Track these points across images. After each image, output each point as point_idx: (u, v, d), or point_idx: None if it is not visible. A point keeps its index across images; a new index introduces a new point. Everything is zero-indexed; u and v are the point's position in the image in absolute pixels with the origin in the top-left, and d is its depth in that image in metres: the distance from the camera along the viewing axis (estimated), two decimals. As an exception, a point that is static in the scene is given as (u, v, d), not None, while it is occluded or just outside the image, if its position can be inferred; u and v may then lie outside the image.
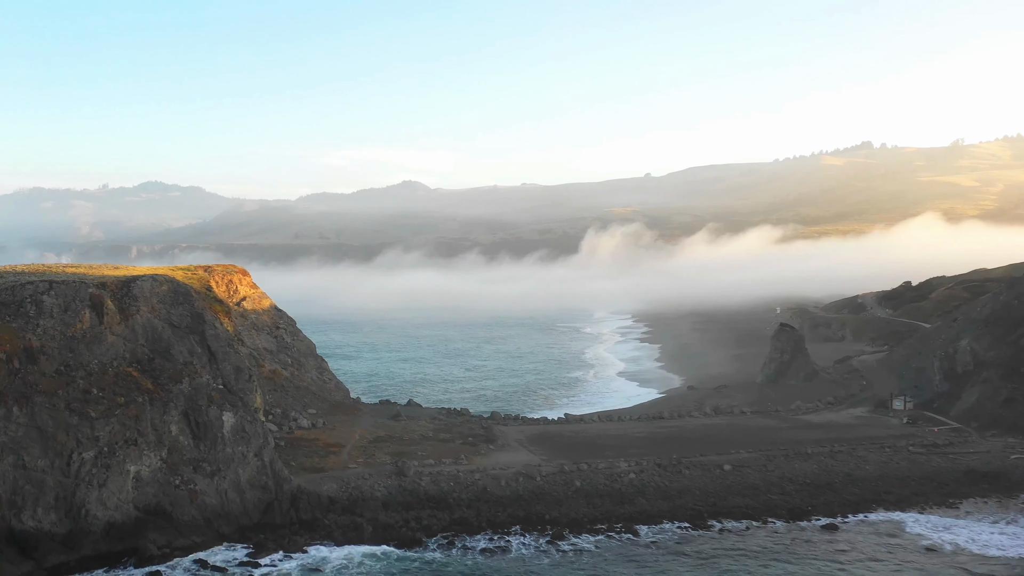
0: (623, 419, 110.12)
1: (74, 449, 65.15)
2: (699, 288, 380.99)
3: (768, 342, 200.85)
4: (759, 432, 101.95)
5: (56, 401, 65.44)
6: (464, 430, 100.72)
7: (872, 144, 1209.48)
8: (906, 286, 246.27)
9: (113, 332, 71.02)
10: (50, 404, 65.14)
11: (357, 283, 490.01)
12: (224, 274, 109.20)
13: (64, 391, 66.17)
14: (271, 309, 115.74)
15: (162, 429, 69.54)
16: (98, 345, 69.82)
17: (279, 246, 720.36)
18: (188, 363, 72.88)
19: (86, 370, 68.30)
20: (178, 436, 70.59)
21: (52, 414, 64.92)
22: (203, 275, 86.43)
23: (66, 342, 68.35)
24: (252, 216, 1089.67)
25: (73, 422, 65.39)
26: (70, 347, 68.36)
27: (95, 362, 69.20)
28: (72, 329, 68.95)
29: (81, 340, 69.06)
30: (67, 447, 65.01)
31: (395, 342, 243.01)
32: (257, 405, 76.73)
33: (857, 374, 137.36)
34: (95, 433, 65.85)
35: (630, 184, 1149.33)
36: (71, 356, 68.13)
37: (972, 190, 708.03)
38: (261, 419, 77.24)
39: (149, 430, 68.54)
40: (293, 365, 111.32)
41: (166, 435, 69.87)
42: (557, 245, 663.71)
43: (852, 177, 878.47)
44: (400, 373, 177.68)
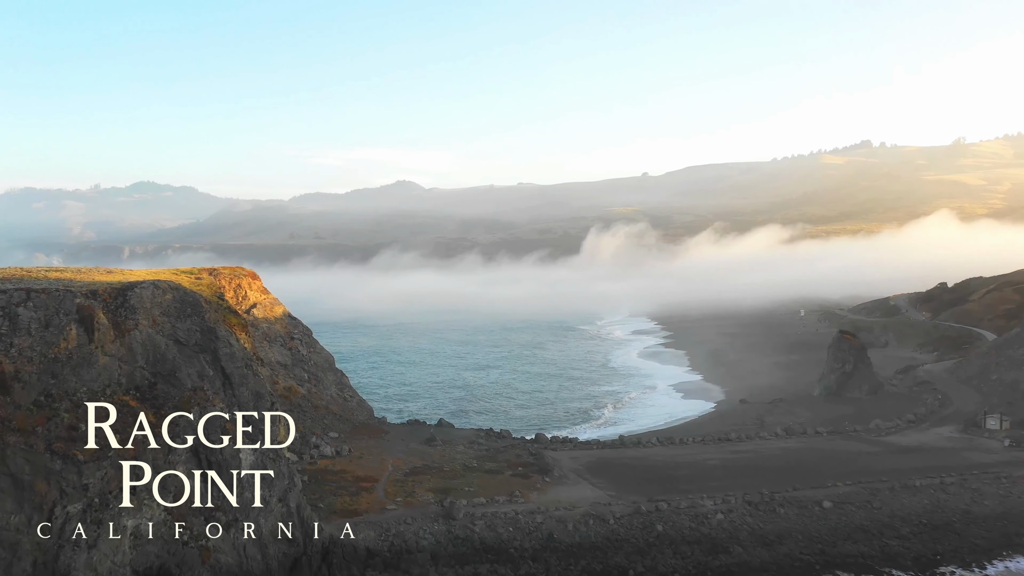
0: (686, 441, 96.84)
1: (57, 501, 51.54)
2: (710, 290, 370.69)
3: (806, 348, 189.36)
4: (848, 458, 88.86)
5: (34, 441, 51.81)
6: (511, 457, 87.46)
7: (871, 143, 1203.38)
8: (942, 287, 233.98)
9: (106, 352, 57.47)
10: (26, 445, 51.53)
11: (354, 284, 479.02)
12: (232, 278, 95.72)
13: (44, 428, 52.54)
14: (284, 317, 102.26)
15: (167, 471, 56.04)
16: (87, 368, 56.25)
17: (274, 246, 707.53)
18: (198, 389, 59.33)
19: (72, 400, 54.68)
20: (185, 480, 57.09)
21: (29, 457, 51.34)
22: (212, 280, 72.85)
23: (47, 365, 54.70)
24: (246, 216, 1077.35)
25: (56, 467, 51.80)
26: (52, 372, 54.72)
27: (83, 390, 55.60)
28: (55, 349, 55.31)
29: (66, 363, 55.43)
30: (48, 499, 51.40)
31: (400, 347, 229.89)
32: (281, 437, 63.33)
33: (929, 387, 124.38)
34: (83, 480, 52.29)
35: (628, 183, 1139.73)
36: (53, 383, 54.51)
37: (979, 189, 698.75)
38: (285, 455, 63.83)
39: (150, 473, 55.05)
40: (310, 381, 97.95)
41: (171, 479, 56.36)
42: (557, 245, 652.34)
43: (854, 176, 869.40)
44: (414, 384, 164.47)
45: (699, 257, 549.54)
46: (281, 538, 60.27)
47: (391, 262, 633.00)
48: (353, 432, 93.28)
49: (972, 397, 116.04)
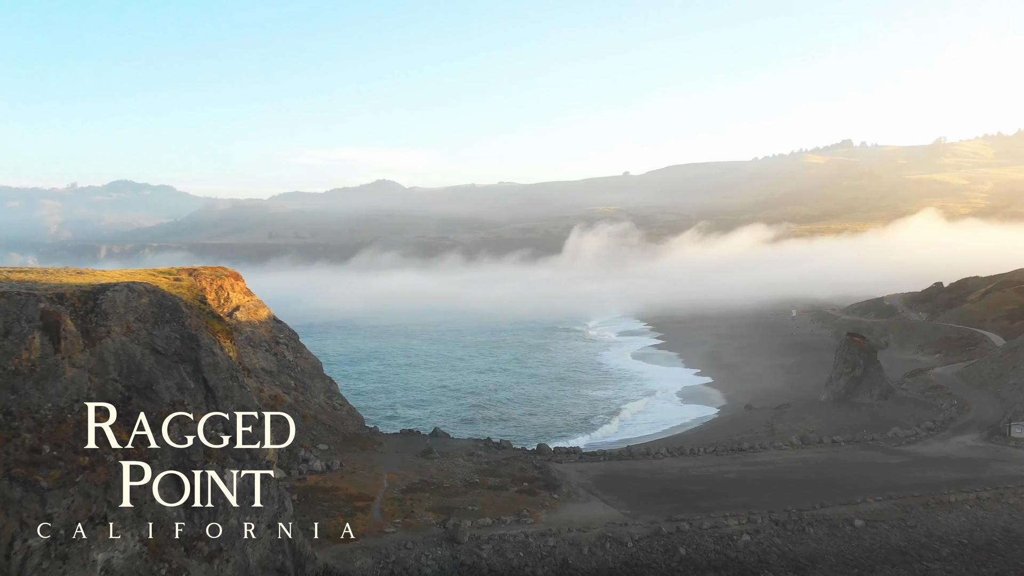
0: (697, 452, 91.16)
1: (17, 534, 45.24)
2: (696, 290, 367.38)
3: (805, 350, 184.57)
4: (872, 471, 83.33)
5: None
6: (515, 471, 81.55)
7: (852, 143, 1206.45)
8: (938, 287, 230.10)
9: (73, 363, 51.14)
10: (-19, 470, 45.33)
11: (333, 284, 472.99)
12: (213, 279, 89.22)
13: (3, 450, 46.27)
14: (269, 320, 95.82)
15: (142, 498, 49.81)
16: (52, 382, 49.92)
17: (254, 245, 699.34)
18: (178, 403, 53.03)
19: (35, 419, 48.34)
20: (164, 506, 50.85)
21: (-16, 484, 45.12)
22: (192, 282, 66.48)
23: (6, 379, 48.35)
24: (224, 215, 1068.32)
25: (15, 495, 45.49)
26: (12, 386, 48.36)
27: (48, 406, 49.27)
28: (15, 360, 48.94)
29: (28, 375, 49.08)
30: (7, 531, 45.15)
31: (384, 349, 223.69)
32: (270, 457, 57.21)
33: (942, 391, 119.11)
34: (47, 510, 45.99)
35: (610, 183, 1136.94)
36: (13, 399, 48.14)
37: (962, 188, 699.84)
38: (275, 475, 57.68)
39: (124, 501, 48.85)
40: (297, 389, 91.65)
41: (148, 506, 50.09)
42: (540, 244, 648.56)
43: (837, 175, 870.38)
44: (403, 389, 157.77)
45: (683, 256, 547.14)
46: (270, 568, 54.22)
47: (371, 262, 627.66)
48: (344, 444, 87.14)
49: (990, 403, 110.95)
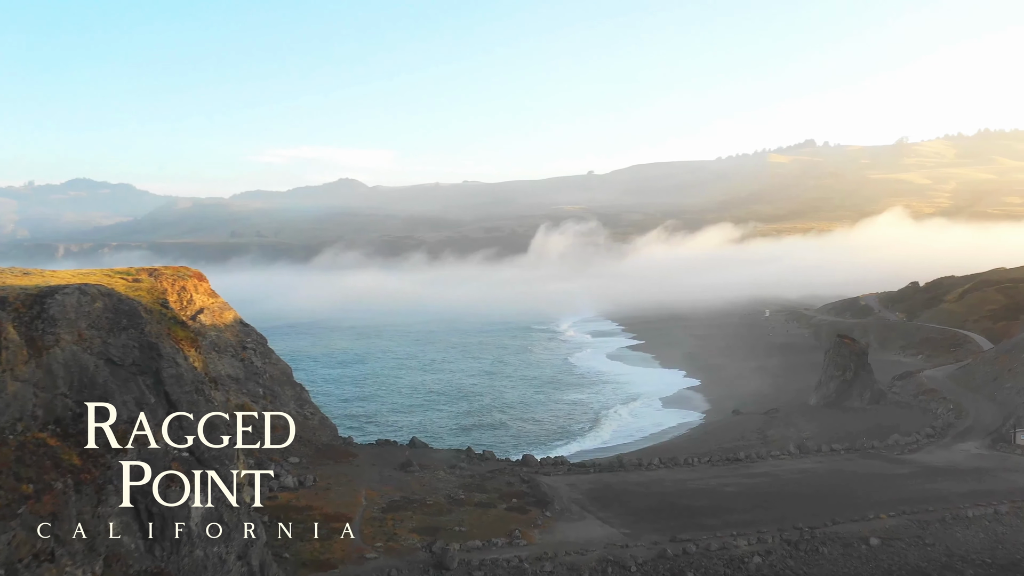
0: (692, 463, 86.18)
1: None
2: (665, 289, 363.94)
3: (785, 351, 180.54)
4: (879, 482, 78.77)
5: (-82, 496, 39.49)
6: (501, 485, 76.01)
7: (815, 142, 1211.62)
8: (914, 287, 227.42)
9: (16, 376, 45.02)
10: (-92, 501, 39.21)
11: (296, 283, 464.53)
12: (175, 279, 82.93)
13: (-68, 478, 40.18)
14: (235, 324, 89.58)
15: (96, 529, 43.85)
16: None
17: (215, 244, 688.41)
18: (136, 421, 47.16)
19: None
20: (121, 538, 44.91)
21: (-89, 518, 39.01)
22: (152, 283, 60.31)
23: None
24: (185, 214, 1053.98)
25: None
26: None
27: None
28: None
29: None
30: (-63, 572, 39.19)
31: (352, 351, 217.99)
32: (239, 480, 51.31)
33: (936, 395, 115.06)
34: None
35: (574, 182, 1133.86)
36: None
37: (926, 188, 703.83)
38: (246, 500, 51.79)
39: (75, 533, 42.91)
40: (266, 397, 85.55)
41: (102, 538, 44.12)
42: (505, 244, 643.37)
43: (801, 175, 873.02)
44: (374, 395, 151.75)
45: (650, 256, 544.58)
46: (241, 605, 48.41)
47: (333, 261, 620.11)
48: (316, 456, 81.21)
49: (987, 407, 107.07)
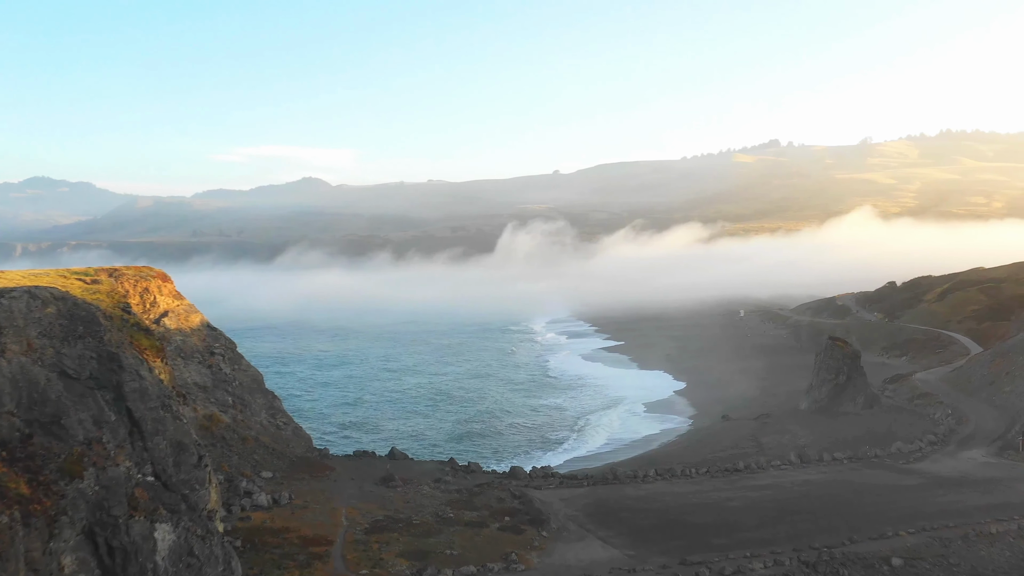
0: (689, 475, 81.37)
1: None
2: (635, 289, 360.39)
3: (766, 352, 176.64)
4: (889, 495, 74.28)
5: None
6: (491, 501, 70.79)
7: (779, 142, 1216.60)
8: (892, 287, 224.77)
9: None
10: None
11: (259, 283, 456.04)
12: (137, 280, 76.87)
13: None
14: (202, 327, 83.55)
15: (47, 568, 38.14)
16: (-75, 418, 38.02)
17: (177, 244, 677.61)
18: (94, 441, 41.36)
19: (-101, 469, 36.42)
20: (77, 573, 39.21)
21: None
22: (112, 285, 54.46)
23: None
24: (146, 213, 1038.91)
25: None
26: None
27: (-81, 451, 37.39)
28: None
29: None
30: None
31: (319, 353, 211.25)
32: (211, 506, 45.71)
33: (932, 399, 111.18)
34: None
35: (540, 181, 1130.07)
36: None
37: (891, 188, 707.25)
38: (218, 527, 46.21)
39: (21, 574, 37.19)
40: (235, 406, 79.72)
41: (55, 574, 38.45)
42: (471, 243, 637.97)
43: (766, 175, 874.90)
44: (346, 401, 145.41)
45: (618, 255, 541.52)
46: (214, 648, 42.88)
47: (296, 260, 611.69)
48: (291, 470, 75.49)
49: (988, 412, 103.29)
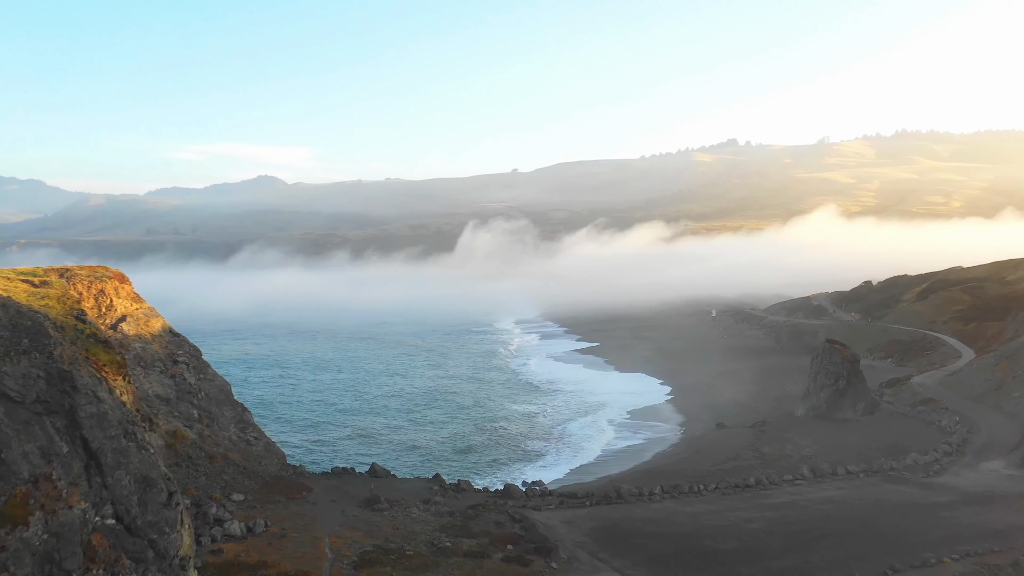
0: (698, 491, 75.15)
1: None
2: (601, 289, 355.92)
3: (746, 354, 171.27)
4: (918, 514, 68.35)
5: None
6: (489, 526, 63.98)
7: (737, 142, 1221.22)
8: (867, 286, 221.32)
9: None
10: None
11: (213, 283, 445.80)
12: (91, 281, 69.11)
13: None
14: (164, 333, 75.84)
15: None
16: None
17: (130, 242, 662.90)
18: (42, 479, 34.06)
19: None
20: (22, 644, 31.89)
21: None
22: (63, 288, 46.85)
23: None
24: (98, 211, 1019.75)
25: None
26: None
27: None
28: None
29: None
30: None
31: (279, 356, 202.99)
32: (184, 551, 38.47)
33: (936, 406, 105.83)
34: None
35: (499, 180, 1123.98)
36: None
37: (850, 187, 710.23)
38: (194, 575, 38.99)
39: (-48, 648, 29.97)
40: (202, 420, 72.18)
41: (-7, 648, 31.19)
42: (431, 242, 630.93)
43: (726, 174, 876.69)
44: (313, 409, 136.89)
45: (580, 255, 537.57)
46: None
47: (252, 259, 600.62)
48: (264, 491, 68.08)
49: (998, 419, 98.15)
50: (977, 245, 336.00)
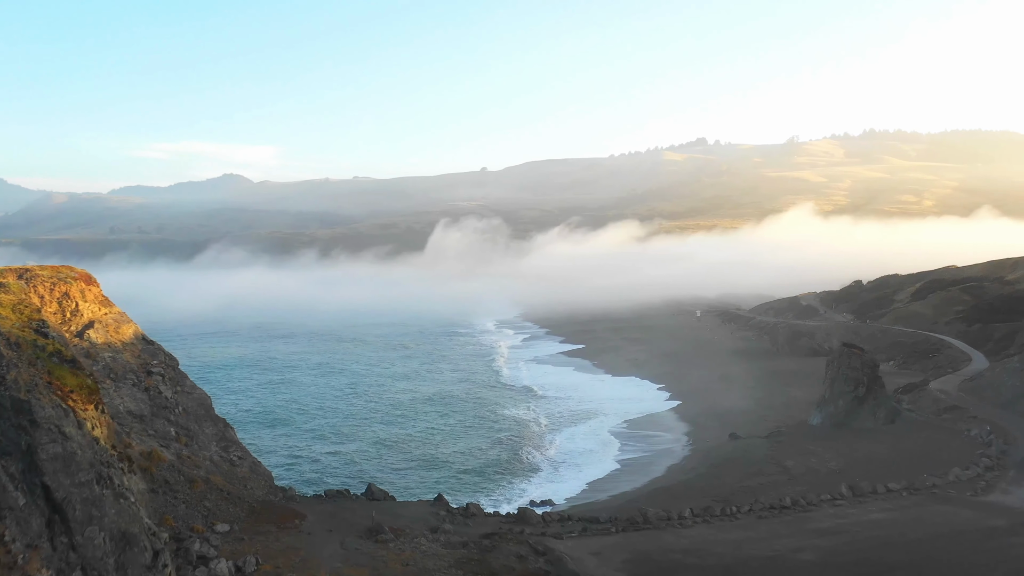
0: (732, 515, 68.04)
1: None
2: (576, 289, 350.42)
3: (743, 357, 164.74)
4: (978, 540, 61.59)
5: None
6: (510, 560, 56.40)
7: (707, 141, 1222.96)
8: (858, 286, 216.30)
9: None
10: None
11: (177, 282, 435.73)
12: (53, 284, 60.81)
13: None
14: (137, 341, 67.65)
15: None
16: None
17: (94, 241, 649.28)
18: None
19: None
20: None
21: None
22: (22, 291, 38.94)
23: None
24: (61, 209, 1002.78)
25: None
26: None
27: None
28: None
29: None
30: None
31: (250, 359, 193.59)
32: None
33: (962, 414, 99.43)
34: None
35: (468, 178, 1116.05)
36: None
37: (822, 186, 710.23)
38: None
39: None
40: (179, 439, 64.01)
41: None
42: (400, 241, 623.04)
43: (697, 173, 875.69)
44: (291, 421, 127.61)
45: (553, 254, 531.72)
46: None
47: (217, 258, 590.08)
48: (252, 519, 59.99)
49: (1018, 424, 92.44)
50: (959, 243, 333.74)
